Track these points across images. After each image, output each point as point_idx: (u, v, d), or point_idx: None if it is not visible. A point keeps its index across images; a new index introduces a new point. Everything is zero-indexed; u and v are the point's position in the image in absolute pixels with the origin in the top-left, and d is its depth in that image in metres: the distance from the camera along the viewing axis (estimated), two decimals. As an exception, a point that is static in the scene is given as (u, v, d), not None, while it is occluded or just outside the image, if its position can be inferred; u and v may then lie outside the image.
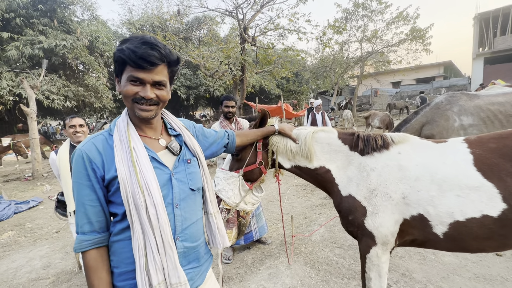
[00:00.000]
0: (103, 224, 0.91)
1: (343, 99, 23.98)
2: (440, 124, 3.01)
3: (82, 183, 0.88)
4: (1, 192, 6.67)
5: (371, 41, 18.04)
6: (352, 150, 1.51)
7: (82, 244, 0.87)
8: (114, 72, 0.94)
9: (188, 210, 0.99)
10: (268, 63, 12.01)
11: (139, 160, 0.89)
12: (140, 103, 0.90)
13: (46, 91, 13.10)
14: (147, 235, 0.85)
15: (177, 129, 1.08)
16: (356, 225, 1.45)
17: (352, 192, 1.45)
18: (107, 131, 0.96)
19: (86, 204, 0.88)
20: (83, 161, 0.88)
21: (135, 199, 0.85)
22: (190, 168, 1.03)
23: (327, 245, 3.01)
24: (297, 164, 1.62)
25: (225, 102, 2.86)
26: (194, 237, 1.00)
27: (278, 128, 1.58)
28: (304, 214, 4.17)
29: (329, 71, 20.16)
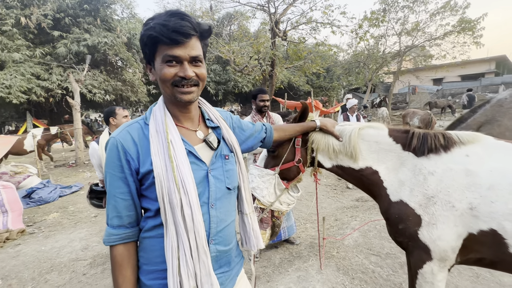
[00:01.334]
0: (133, 219, 0.86)
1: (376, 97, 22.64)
2: (502, 123, 2.62)
3: (114, 174, 0.83)
4: (49, 176, 7.33)
5: (411, 34, 16.71)
6: (405, 150, 1.32)
7: (110, 238, 0.83)
8: (145, 60, 0.86)
9: (224, 210, 0.91)
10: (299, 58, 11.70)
11: (176, 154, 0.82)
12: (181, 85, 0.82)
13: (89, 85, 14.13)
14: (180, 237, 0.79)
15: (215, 121, 0.99)
16: (407, 236, 1.26)
17: (404, 198, 1.27)
18: (143, 119, 0.89)
19: (117, 196, 0.83)
20: (117, 151, 0.82)
21: (170, 198, 0.79)
22: (228, 164, 0.95)
23: (361, 251, 2.80)
24: (339, 164, 1.47)
25: (260, 95, 2.76)
26: (227, 240, 0.93)
27: (320, 123, 1.45)
28: (335, 216, 3.96)
29: (363, 66, 19.14)
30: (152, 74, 0.87)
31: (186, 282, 0.78)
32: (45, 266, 3.09)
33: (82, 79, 8.34)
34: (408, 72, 20.85)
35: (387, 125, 1.45)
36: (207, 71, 1.02)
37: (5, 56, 12.49)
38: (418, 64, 19.29)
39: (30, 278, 2.89)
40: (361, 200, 4.60)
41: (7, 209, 3.87)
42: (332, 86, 23.06)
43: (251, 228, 1.03)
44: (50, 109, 17.03)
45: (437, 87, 25.67)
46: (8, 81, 11.89)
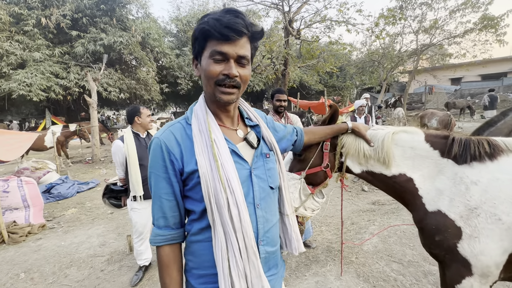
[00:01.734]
0: (177, 220, 0.86)
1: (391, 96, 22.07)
2: (538, 128, 2.46)
3: (159, 175, 0.83)
4: (67, 172, 7.55)
5: (429, 32, 16.15)
6: (444, 157, 1.24)
7: (157, 238, 0.84)
8: (193, 54, 0.86)
9: (269, 210, 0.90)
10: (312, 57, 11.55)
11: (220, 153, 0.81)
12: (223, 84, 0.80)
13: (104, 84, 14.47)
14: (229, 237, 0.78)
15: (254, 119, 0.98)
16: (444, 248, 1.18)
17: (442, 208, 1.19)
18: (184, 119, 0.89)
19: (162, 197, 0.83)
20: (161, 151, 0.82)
21: (217, 197, 0.78)
22: (269, 163, 0.93)
23: (382, 258, 2.71)
24: (370, 170, 1.39)
25: (277, 95, 2.72)
26: (274, 241, 0.91)
27: (352, 125, 1.38)
28: (351, 219, 3.86)
29: (377, 65, 18.68)
30: (197, 70, 0.86)
31: (237, 283, 0.77)
32: (65, 261, 3.17)
33: (99, 77, 8.55)
34: (424, 71, 20.20)
35: (424, 129, 1.36)
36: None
37: (26, 55, 12.96)
38: (435, 63, 18.61)
39: (51, 272, 2.96)
40: (377, 204, 4.47)
41: (29, 204, 3.99)
42: (345, 86, 22.67)
43: (292, 230, 0.99)
44: (67, 107, 17.60)
45: (455, 87, 24.75)
46: (29, 79, 12.33)
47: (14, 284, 2.77)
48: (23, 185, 3.93)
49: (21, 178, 4.04)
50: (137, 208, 2.61)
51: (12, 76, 12.27)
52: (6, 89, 12.09)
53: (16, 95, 12.25)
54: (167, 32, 22.03)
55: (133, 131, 2.66)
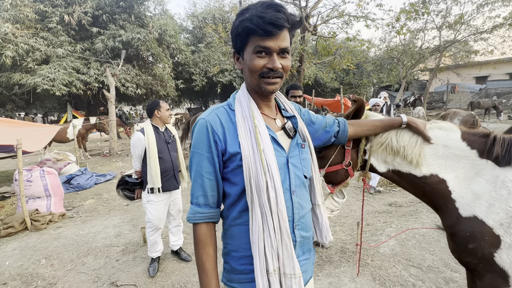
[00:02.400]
0: (216, 199, 0.90)
1: (410, 95, 21.27)
2: None
3: (202, 154, 0.86)
4: (86, 164, 7.82)
5: (453, 27, 15.36)
6: (482, 157, 1.12)
7: (196, 215, 0.87)
8: (234, 48, 0.90)
9: (303, 198, 0.94)
10: (328, 54, 11.27)
11: (262, 138, 0.85)
12: (267, 76, 0.84)
13: (122, 79, 14.86)
14: (265, 219, 0.82)
15: (290, 111, 1.01)
16: (478, 257, 1.09)
17: (479, 214, 1.08)
18: (227, 105, 0.94)
19: (204, 176, 0.86)
20: (206, 131, 0.86)
21: (257, 180, 0.82)
22: (304, 153, 0.97)
23: (399, 262, 2.60)
24: (397, 169, 1.28)
25: (292, 91, 2.66)
26: (308, 226, 0.96)
27: (407, 120, 1.21)
28: (366, 221, 3.75)
29: (397, 63, 18.03)
30: (239, 63, 0.90)
31: (270, 261, 0.81)
32: (82, 249, 3.28)
33: (117, 73, 8.78)
34: (447, 69, 19.26)
35: (460, 126, 1.23)
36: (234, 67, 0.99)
37: (50, 51, 13.51)
38: (459, 60, 17.70)
39: (69, 259, 3.07)
40: (394, 205, 4.31)
41: (50, 193, 4.16)
42: (362, 83, 22.06)
43: (323, 219, 1.01)
44: (87, 101, 18.24)
45: (480, 85, 23.48)
46: (52, 75, 12.87)
47: (35, 269, 2.89)
48: (45, 175, 4.09)
49: (43, 168, 4.21)
50: (153, 201, 2.65)
51: (37, 71, 12.86)
52: (32, 83, 12.69)
53: (40, 90, 12.82)
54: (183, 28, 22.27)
55: (152, 125, 2.71)
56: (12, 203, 4.69)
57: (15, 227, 3.64)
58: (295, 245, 0.88)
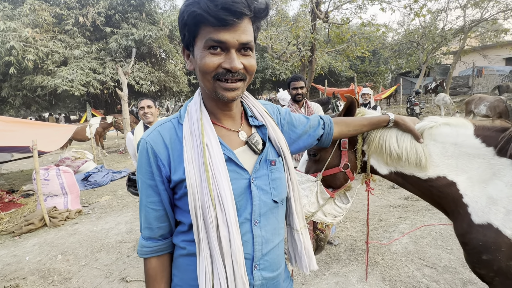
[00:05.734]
0: (166, 231, 0.78)
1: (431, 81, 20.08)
2: None
3: (144, 181, 0.74)
4: (103, 162, 8.11)
5: (479, 5, 14.19)
6: (500, 156, 0.97)
7: (143, 250, 0.77)
8: (183, 43, 0.73)
9: (270, 228, 0.77)
10: (341, 41, 10.82)
11: (213, 161, 0.69)
12: (224, 79, 0.67)
13: (136, 77, 15.19)
14: (215, 262, 0.68)
15: (260, 118, 0.83)
16: (494, 270, 0.96)
17: (494, 221, 0.95)
18: (177, 118, 0.78)
19: (147, 206, 0.75)
20: (147, 155, 0.72)
21: (204, 214, 0.67)
22: (275, 172, 0.79)
23: (412, 261, 2.45)
24: (400, 171, 1.16)
25: (293, 83, 2.52)
26: (275, 265, 0.78)
27: (395, 118, 1.11)
28: (379, 216, 3.58)
29: (416, 47, 17.01)
30: (190, 62, 0.74)
31: None
32: (96, 245, 3.40)
33: (129, 71, 8.95)
34: (473, 51, 17.93)
35: (473, 120, 1.08)
36: None
37: (68, 53, 14.03)
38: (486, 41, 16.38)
39: (83, 255, 3.19)
40: (410, 199, 4.09)
41: (66, 191, 4.34)
42: (379, 71, 21.10)
43: (302, 246, 0.86)
44: (105, 100, 18.86)
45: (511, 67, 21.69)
46: (71, 76, 13.39)
47: (52, 264, 3.03)
48: (61, 174, 4.26)
49: (59, 167, 4.39)
50: None
51: (57, 73, 13.42)
52: (52, 85, 13.28)
53: (61, 90, 13.40)
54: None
55: (144, 124, 2.72)
56: (35, 200, 4.96)
57: (35, 223, 3.83)
58: None
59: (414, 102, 11.90)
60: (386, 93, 13.77)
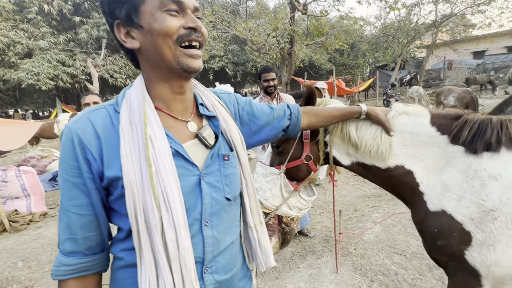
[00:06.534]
0: (94, 243, 0.65)
1: (406, 74, 20.84)
2: None
3: (68, 179, 0.61)
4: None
5: (450, 0, 14.79)
6: (454, 143, 0.98)
7: (60, 269, 0.62)
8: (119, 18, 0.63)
9: (223, 228, 0.70)
10: (320, 34, 10.86)
11: (157, 155, 0.60)
12: (188, 42, 0.62)
13: (110, 70, 14.42)
14: (161, 269, 0.59)
15: (211, 108, 0.75)
16: (448, 255, 0.98)
17: (447, 208, 0.96)
18: (112, 105, 0.67)
19: (71, 211, 0.61)
20: (72, 146, 0.60)
21: (146, 216, 0.59)
22: (228, 167, 0.73)
23: (383, 249, 2.51)
24: (361, 161, 1.16)
25: (264, 75, 2.46)
26: (229, 265, 0.72)
27: (367, 110, 1.07)
28: (355, 206, 3.66)
29: (392, 40, 17.49)
30: (132, 39, 0.64)
31: None
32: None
33: (100, 64, 8.41)
34: (444, 45, 18.76)
35: (431, 109, 1.09)
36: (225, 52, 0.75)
37: (32, 44, 13.00)
38: (456, 35, 17.20)
39: (47, 260, 2.98)
40: (385, 188, 4.22)
41: (29, 193, 4.03)
42: (357, 64, 21.57)
43: (257, 243, 0.81)
44: (77, 95, 17.81)
45: (478, 61, 22.99)
46: (37, 68, 12.45)
47: (11, 272, 2.80)
48: (21, 175, 3.94)
49: (20, 167, 4.06)
50: None
51: (20, 66, 12.42)
52: (15, 79, 12.29)
53: (25, 85, 12.44)
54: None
55: None
56: (-6, 204, 4.58)
57: (-8, 229, 3.53)
58: None
59: (389, 94, 12.32)
60: (363, 86, 14.12)
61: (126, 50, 0.67)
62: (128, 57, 0.69)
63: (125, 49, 0.67)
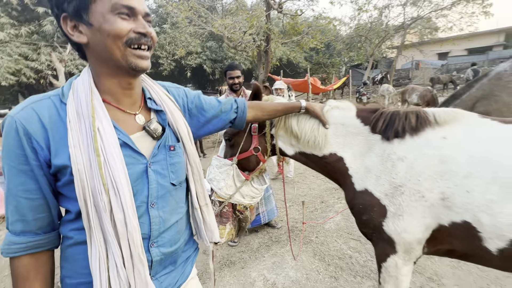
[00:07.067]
0: (45, 223, 0.70)
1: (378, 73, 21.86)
2: (500, 99, 2.38)
3: (14, 166, 0.65)
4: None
5: (417, 4, 15.72)
6: (374, 133, 1.15)
7: (11, 248, 0.66)
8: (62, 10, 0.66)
9: (168, 209, 0.78)
10: (296, 33, 11.08)
11: (105, 146, 0.66)
12: (138, 45, 0.68)
13: (79, 65, 13.65)
14: (110, 245, 0.66)
15: (159, 102, 0.81)
16: (371, 227, 1.14)
17: (369, 187, 1.13)
18: (58, 96, 0.70)
19: (19, 196, 0.66)
20: (17, 135, 0.63)
21: (96, 200, 0.65)
22: (174, 157, 0.80)
23: (341, 236, 2.70)
24: (302, 151, 1.32)
25: (229, 72, 2.53)
26: (173, 240, 0.81)
27: (306, 105, 1.23)
28: (322, 198, 3.85)
29: (365, 41, 18.25)
30: (80, 34, 0.67)
31: None
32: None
33: (65, 58, 7.98)
34: (412, 46, 19.90)
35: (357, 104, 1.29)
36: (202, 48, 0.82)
37: (-11, 35, 11.97)
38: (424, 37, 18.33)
39: (7, 265, 2.84)
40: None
41: (-15, 195, 3.78)
42: (332, 62, 22.24)
43: (201, 221, 0.90)
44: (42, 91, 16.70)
45: (442, 61, 24.66)
46: (-5, 62, 11.49)
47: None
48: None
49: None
50: None
51: (-25, 59, 11.41)
52: (-30, 73, 11.28)
53: (-18, 80, 11.47)
54: (145, 7, 20.67)
55: None
56: None
57: None
58: (151, 265, 0.75)
59: (362, 93, 12.89)
60: (337, 84, 14.63)
61: (72, 42, 0.70)
62: (74, 48, 0.73)
63: (71, 41, 0.70)
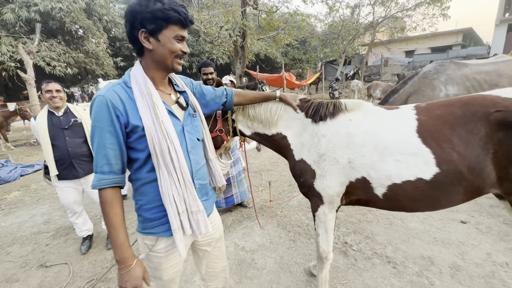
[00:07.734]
0: (120, 167, 1.03)
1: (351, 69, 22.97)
2: (426, 94, 2.93)
3: (103, 128, 0.97)
4: (8, 156, 7.03)
5: (385, 4, 16.73)
6: (307, 117, 1.56)
7: (102, 182, 0.99)
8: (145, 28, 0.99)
9: (198, 156, 1.19)
10: (272, 29, 11.42)
11: (160, 112, 1.03)
12: (180, 57, 1.07)
13: (46, 57, 12.98)
14: (171, 175, 1.03)
15: (181, 86, 1.22)
16: (306, 187, 1.55)
17: (303, 157, 1.53)
18: (124, 82, 1.05)
19: (107, 147, 0.98)
20: (107, 107, 0.97)
21: (160, 145, 1.01)
22: (195, 121, 1.20)
23: (301, 210, 3.17)
24: (257, 131, 1.69)
25: (203, 69, 2.82)
26: (204, 176, 1.22)
27: (280, 95, 1.61)
28: (290, 182, 4.30)
29: (338, 38, 19.09)
30: (149, 43, 1.02)
31: (179, 205, 1.05)
32: (6, 240, 3.17)
33: (34, 50, 7.68)
34: (381, 44, 21.12)
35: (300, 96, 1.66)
36: None
37: None
38: (393, 35, 19.54)
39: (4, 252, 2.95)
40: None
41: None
42: (307, 58, 22.94)
43: (215, 169, 1.31)
44: (4, 84, 15.60)
45: (409, 59, 26.38)
46: (-51, 53, 10.61)
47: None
48: None
49: None
50: (58, 186, 2.60)
51: None
52: None
53: None
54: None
55: (48, 110, 2.53)
56: None
57: None
58: (196, 190, 1.12)
59: (334, 88, 13.61)
60: (311, 80, 15.28)
61: (138, 46, 1.04)
62: (135, 47, 1.06)
63: (137, 45, 1.04)
